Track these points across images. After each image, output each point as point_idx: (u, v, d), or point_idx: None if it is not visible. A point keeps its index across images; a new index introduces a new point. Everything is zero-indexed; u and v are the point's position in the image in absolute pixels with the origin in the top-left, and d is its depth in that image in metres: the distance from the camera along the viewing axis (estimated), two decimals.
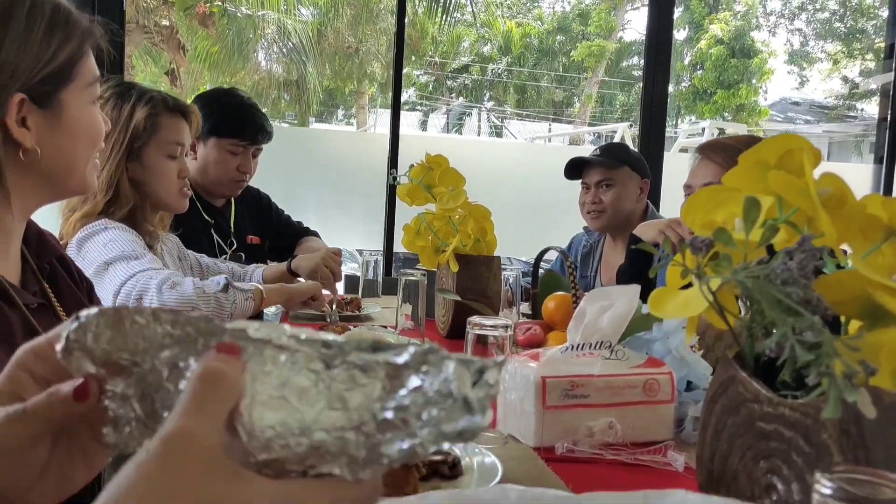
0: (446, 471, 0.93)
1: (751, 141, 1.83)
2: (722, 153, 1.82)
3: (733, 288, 0.67)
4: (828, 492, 0.50)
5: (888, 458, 0.59)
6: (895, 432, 0.59)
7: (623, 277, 2.00)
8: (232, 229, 2.44)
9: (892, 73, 3.84)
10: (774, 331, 0.62)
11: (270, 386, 0.40)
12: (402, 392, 0.39)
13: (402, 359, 0.40)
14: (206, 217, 2.34)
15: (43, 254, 1.07)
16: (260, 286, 1.70)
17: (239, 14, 10.08)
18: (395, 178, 2.18)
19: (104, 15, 3.01)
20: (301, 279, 2.07)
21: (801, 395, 0.67)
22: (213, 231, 2.32)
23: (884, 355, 0.63)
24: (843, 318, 0.73)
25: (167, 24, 8.07)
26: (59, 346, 0.46)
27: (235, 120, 2.22)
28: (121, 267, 1.52)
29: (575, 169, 2.46)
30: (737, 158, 1.61)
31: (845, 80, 20.63)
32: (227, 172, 2.27)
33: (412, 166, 2.08)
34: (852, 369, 0.57)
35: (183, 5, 7.62)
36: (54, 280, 1.08)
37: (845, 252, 0.78)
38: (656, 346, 1.20)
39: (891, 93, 3.84)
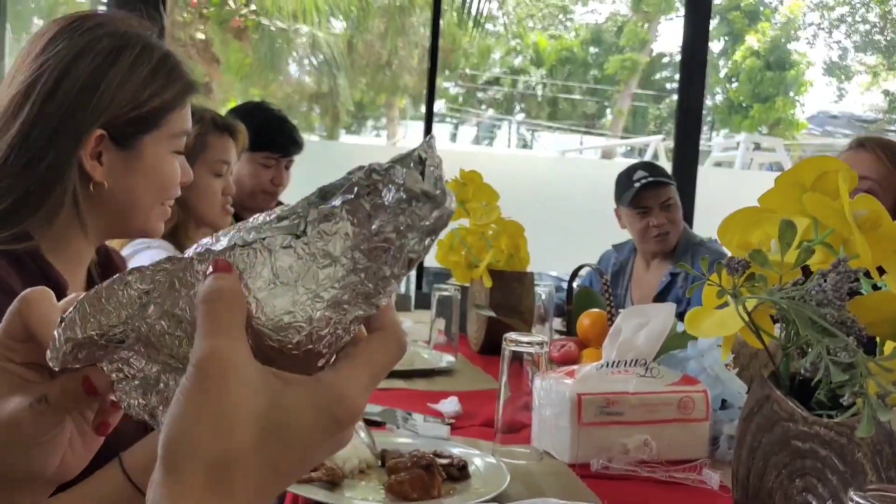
0: (456, 473, 0.97)
1: None
2: (887, 150, 1.64)
3: (769, 308, 0.68)
4: None
5: None
6: None
7: None
8: None
9: None
10: (809, 351, 0.63)
11: (263, 280, 0.42)
12: (370, 220, 0.42)
13: (352, 193, 0.42)
14: None
15: (108, 275, 1.11)
16: None
17: (272, 27, 10.23)
18: None
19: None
20: None
21: (835, 414, 0.68)
22: None
23: None
24: (878, 339, 0.74)
25: (202, 37, 8.22)
26: (51, 356, 0.46)
27: (267, 133, 2.26)
28: None
29: (649, 187, 2.39)
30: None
31: (886, 93, 20.31)
32: (260, 185, 2.31)
33: (446, 181, 2.11)
34: (886, 389, 0.58)
35: (218, 19, 7.76)
36: None
37: (882, 272, 0.79)
38: (691, 364, 1.21)
39: None
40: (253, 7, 8.31)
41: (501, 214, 2.02)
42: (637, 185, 2.38)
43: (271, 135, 2.25)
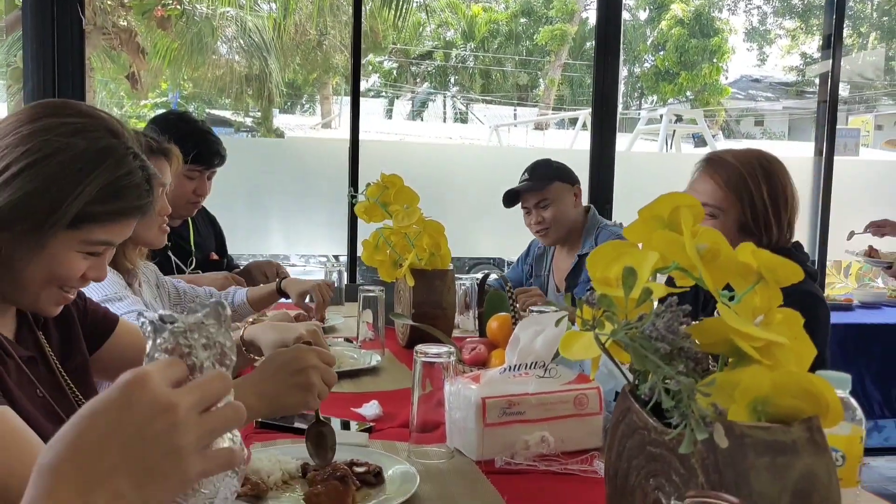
0: (372, 479, 1.07)
1: (751, 157, 1.74)
2: (724, 170, 1.72)
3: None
4: None
5: (737, 479, 0.72)
6: (742, 457, 0.72)
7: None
8: (192, 247, 2.53)
9: (830, 62, 4.01)
10: (649, 377, 0.75)
11: None
12: None
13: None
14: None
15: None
16: (247, 325, 1.76)
17: (196, 17, 10.04)
18: (353, 197, 2.29)
19: (62, 16, 3.10)
20: (288, 300, 2.19)
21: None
22: (170, 252, 2.40)
23: (738, 392, 0.76)
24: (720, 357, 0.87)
25: (125, 24, 8.03)
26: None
27: (191, 146, 2.28)
28: (112, 309, 1.59)
29: (512, 198, 2.59)
30: (736, 180, 1.68)
31: (804, 56, 20.98)
32: (183, 196, 2.34)
33: (368, 185, 2.20)
34: (704, 412, 0.70)
35: (140, 9, 7.59)
36: (47, 328, 1.18)
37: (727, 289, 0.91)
38: (587, 362, 1.34)
39: (829, 82, 4.01)
40: None
41: (422, 215, 2.12)
42: (517, 185, 2.57)
43: (196, 148, 2.28)
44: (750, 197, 1.67)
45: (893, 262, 3.13)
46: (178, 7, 8.37)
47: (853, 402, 0.87)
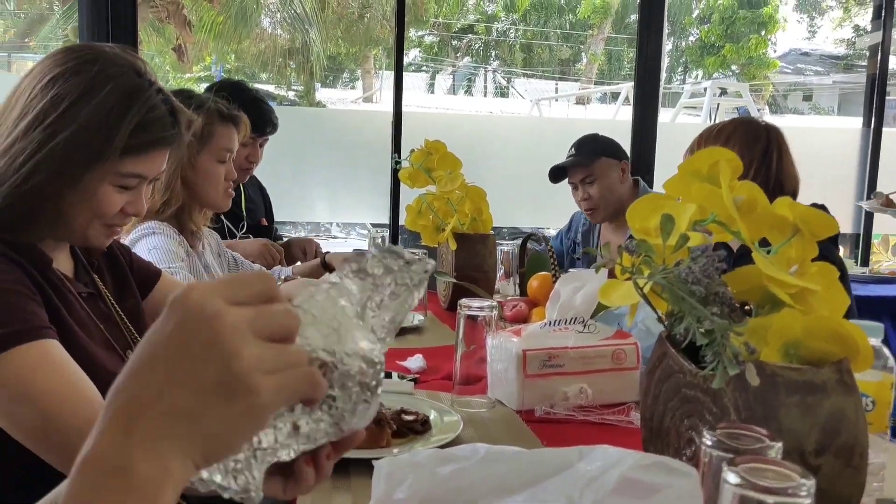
0: (419, 427, 1.12)
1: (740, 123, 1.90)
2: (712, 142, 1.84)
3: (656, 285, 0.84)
4: (709, 443, 0.67)
5: (767, 416, 0.76)
6: (774, 395, 0.76)
7: None
8: (244, 213, 2.61)
9: (881, 33, 3.93)
10: (684, 319, 0.78)
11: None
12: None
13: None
14: None
15: (91, 250, 1.25)
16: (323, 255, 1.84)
17: None
18: (397, 163, 2.34)
19: None
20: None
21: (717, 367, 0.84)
22: (222, 217, 2.48)
23: (771, 335, 0.80)
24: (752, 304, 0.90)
25: None
26: None
27: (245, 115, 2.35)
28: None
29: (557, 174, 2.61)
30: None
31: (856, 28, 20.37)
32: (237, 162, 2.41)
33: (412, 151, 2.24)
34: (737, 350, 0.74)
35: None
36: (101, 272, 1.26)
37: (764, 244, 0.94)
38: (625, 319, 1.38)
39: (878, 54, 3.93)
40: None
41: (464, 181, 2.16)
42: (563, 161, 2.58)
43: (250, 117, 2.35)
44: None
45: None
46: None
47: (885, 350, 0.90)
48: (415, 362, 1.51)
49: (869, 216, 3.91)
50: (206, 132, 1.80)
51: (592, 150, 2.58)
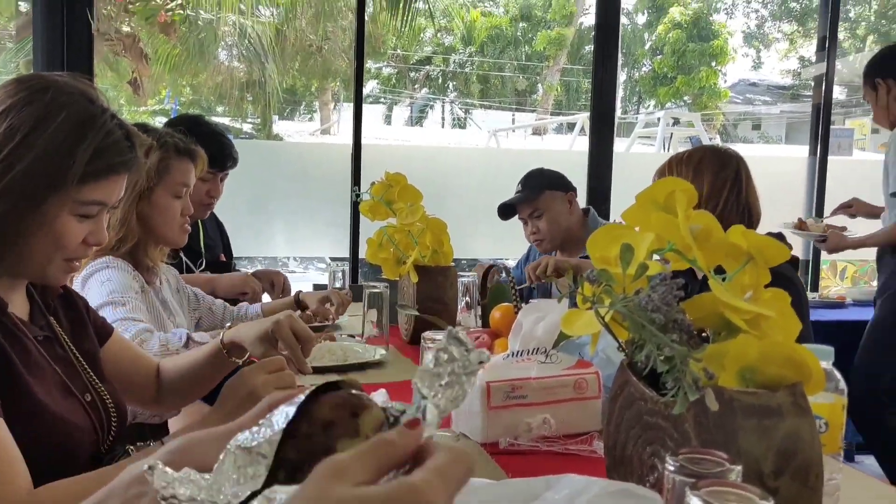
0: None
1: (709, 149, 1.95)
2: (682, 165, 1.89)
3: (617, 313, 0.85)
4: (672, 468, 0.69)
5: (726, 440, 0.77)
6: (732, 419, 0.78)
7: None
8: (203, 249, 2.59)
9: (825, 65, 4.07)
10: (644, 346, 0.80)
11: None
12: None
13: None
14: None
15: (47, 292, 1.23)
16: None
17: (200, 20, 10.11)
18: (357, 195, 2.35)
19: (72, 21, 3.15)
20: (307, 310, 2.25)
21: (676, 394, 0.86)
22: (181, 253, 2.46)
23: (728, 360, 0.82)
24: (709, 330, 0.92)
25: (128, 30, 8.10)
26: None
27: (206, 150, 2.33)
28: (107, 312, 1.63)
29: (506, 211, 2.66)
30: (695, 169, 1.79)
31: (802, 59, 21.07)
32: (197, 198, 2.39)
33: (373, 184, 2.25)
34: (696, 376, 0.75)
35: (144, 14, 7.66)
36: (57, 314, 1.24)
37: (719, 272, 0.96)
38: (586, 349, 1.39)
39: (823, 84, 4.07)
40: (179, 1, 8.21)
41: (425, 213, 2.17)
42: (510, 199, 2.66)
43: (210, 152, 2.34)
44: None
45: (828, 235, 3.05)
46: (182, 12, 8.43)
47: (836, 373, 0.92)
48: (379, 397, 1.50)
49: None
50: (162, 167, 1.78)
51: (537, 184, 2.63)
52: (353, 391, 0.68)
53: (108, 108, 1.12)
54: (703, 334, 0.95)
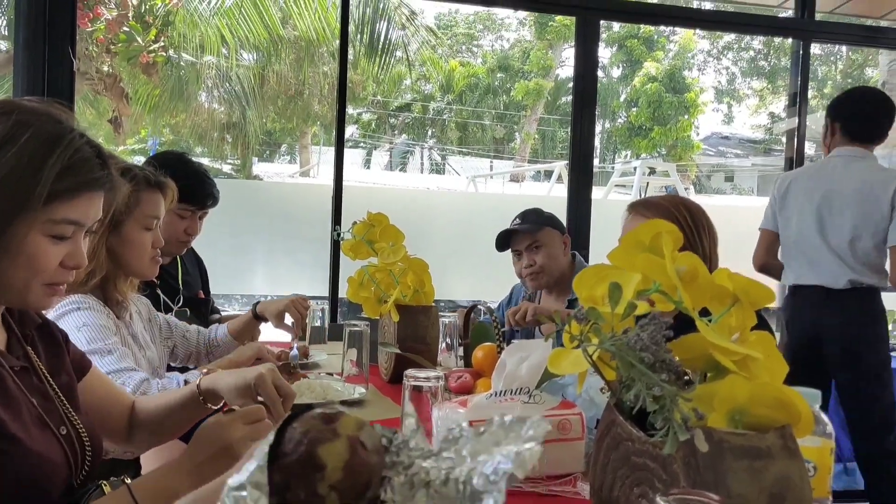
0: None
1: (675, 200, 1.97)
2: (652, 210, 1.92)
3: (605, 352, 0.85)
4: None
5: (716, 481, 0.77)
6: (721, 461, 0.77)
7: None
8: (180, 286, 2.56)
9: (797, 119, 4.18)
10: (633, 385, 0.80)
11: None
12: None
13: None
14: None
15: (25, 323, 1.20)
16: (205, 372, 1.77)
17: (182, 62, 10.17)
18: (339, 235, 2.34)
19: (54, 58, 3.15)
20: (267, 322, 2.23)
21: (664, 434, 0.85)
22: (158, 290, 2.43)
23: (717, 401, 0.82)
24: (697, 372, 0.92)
25: (108, 70, 8.11)
26: None
27: (186, 186, 2.31)
28: (97, 362, 1.61)
29: (503, 240, 2.66)
30: (664, 214, 1.83)
31: (771, 115, 21.61)
32: (174, 234, 2.38)
33: (355, 223, 2.25)
34: (686, 415, 0.75)
35: (126, 55, 7.69)
36: (35, 345, 1.21)
37: (704, 314, 0.97)
38: (570, 389, 1.39)
39: (795, 138, 4.17)
40: (162, 43, 8.26)
41: (407, 253, 2.17)
42: (510, 227, 2.65)
43: (191, 189, 2.33)
44: (680, 226, 1.81)
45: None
46: (164, 54, 8.48)
47: (823, 416, 0.93)
48: None
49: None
50: (132, 200, 1.76)
51: (538, 219, 2.64)
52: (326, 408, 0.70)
53: (76, 128, 1.09)
54: (686, 377, 0.95)
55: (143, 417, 1.40)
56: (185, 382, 1.63)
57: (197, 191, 2.38)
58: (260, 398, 1.28)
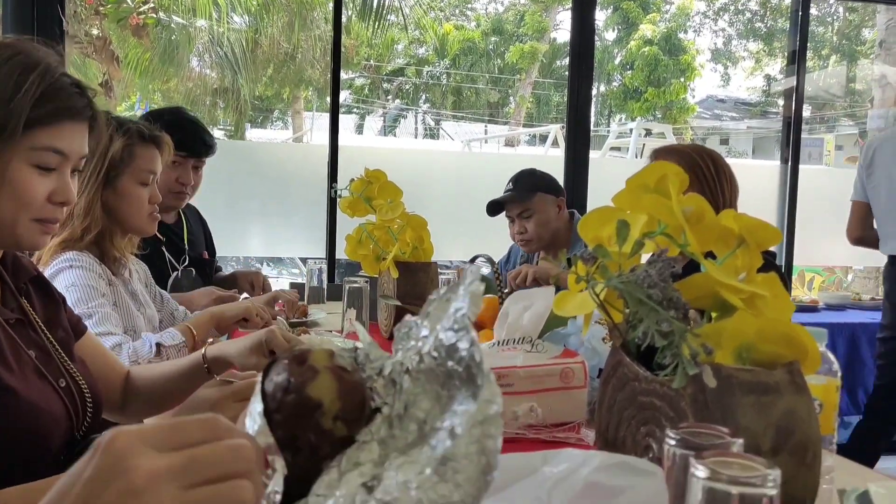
0: None
1: (699, 148, 1.98)
2: (676, 156, 1.90)
3: (613, 291, 0.85)
4: (673, 442, 0.68)
5: (724, 417, 0.77)
6: (730, 396, 0.77)
7: None
8: (186, 245, 2.54)
9: (795, 78, 4.15)
10: (641, 323, 0.79)
11: None
12: None
13: None
14: (158, 234, 2.43)
15: (18, 275, 1.19)
16: (189, 325, 1.77)
17: (172, 24, 10.02)
18: (336, 192, 2.33)
19: (43, 19, 3.10)
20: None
21: (670, 373, 0.85)
22: (164, 248, 2.41)
23: (725, 338, 0.82)
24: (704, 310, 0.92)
25: (98, 33, 7.99)
26: None
27: (178, 134, 2.27)
28: None
29: (495, 208, 2.64)
30: (689, 160, 1.82)
31: (767, 77, 21.47)
32: (166, 184, 2.35)
33: (352, 180, 2.23)
34: (695, 350, 0.75)
35: (116, 17, 7.56)
36: (30, 298, 1.20)
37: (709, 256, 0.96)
38: (571, 339, 1.39)
39: (793, 96, 4.14)
40: (151, 4, 8.13)
41: (405, 209, 2.16)
42: (501, 196, 2.63)
43: (182, 136, 2.30)
44: (702, 173, 1.81)
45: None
46: (154, 16, 8.35)
47: (829, 355, 0.93)
48: None
49: (790, 249, 4.07)
50: (127, 153, 1.75)
51: (530, 185, 2.62)
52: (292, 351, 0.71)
53: (53, 62, 1.08)
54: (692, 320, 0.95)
55: (141, 386, 1.38)
56: (157, 345, 1.62)
57: (188, 138, 2.35)
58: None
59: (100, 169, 1.70)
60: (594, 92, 4.74)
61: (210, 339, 1.67)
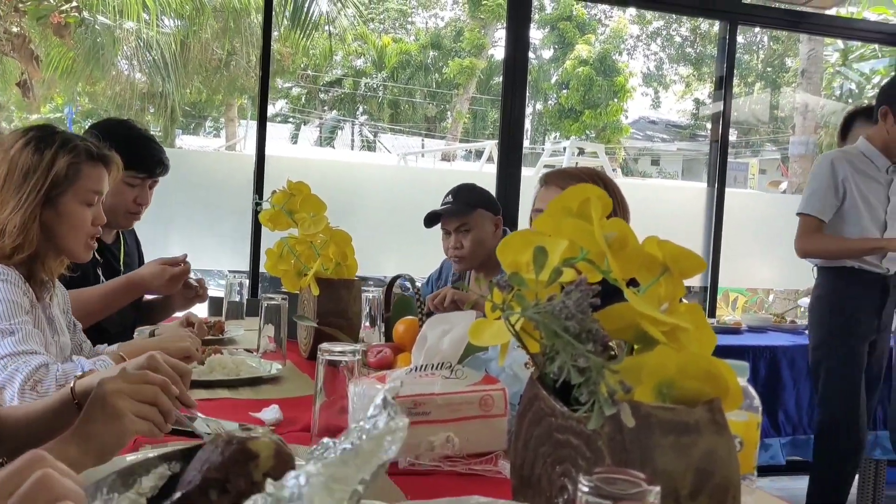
0: None
1: (591, 172, 2.00)
2: (571, 180, 1.92)
3: (528, 321, 0.79)
4: (586, 489, 0.63)
5: (643, 458, 0.72)
6: (648, 436, 0.73)
7: None
8: (122, 267, 2.41)
9: (722, 103, 4.24)
10: (557, 357, 0.74)
11: None
12: None
13: None
14: (96, 255, 2.28)
15: None
16: (122, 355, 1.64)
17: (97, 25, 9.67)
18: (258, 204, 2.24)
19: None
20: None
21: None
22: (99, 270, 2.28)
23: (645, 374, 0.77)
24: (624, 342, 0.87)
25: (17, 30, 7.65)
26: None
27: (133, 153, 2.14)
28: None
29: (433, 219, 2.59)
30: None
31: (697, 101, 22.11)
32: (123, 205, 2.25)
33: (274, 192, 2.15)
34: (613, 388, 0.70)
35: (36, 14, 7.24)
36: None
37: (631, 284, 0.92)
38: (493, 364, 1.33)
39: (721, 121, 4.23)
40: (74, 3, 7.82)
41: (329, 224, 2.08)
42: (440, 208, 2.58)
43: (138, 155, 2.19)
44: None
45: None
46: (77, 15, 8.03)
47: (751, 390, 0.90)
48: (269, 413, 1.40)
49: (715, 270, 4.14)
50: (72, 172, 1.61)
51: (471, 200, 2.58)
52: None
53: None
54: (612, 352, 0.90)
55: (10, 426, 1.25)
56: (82, 371, 1.50)
57: (145, 157, 2.24)
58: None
59: (41, 186, 1.57)
60: (530, 110, 4.75)
61: (78, 374, 1.54)
